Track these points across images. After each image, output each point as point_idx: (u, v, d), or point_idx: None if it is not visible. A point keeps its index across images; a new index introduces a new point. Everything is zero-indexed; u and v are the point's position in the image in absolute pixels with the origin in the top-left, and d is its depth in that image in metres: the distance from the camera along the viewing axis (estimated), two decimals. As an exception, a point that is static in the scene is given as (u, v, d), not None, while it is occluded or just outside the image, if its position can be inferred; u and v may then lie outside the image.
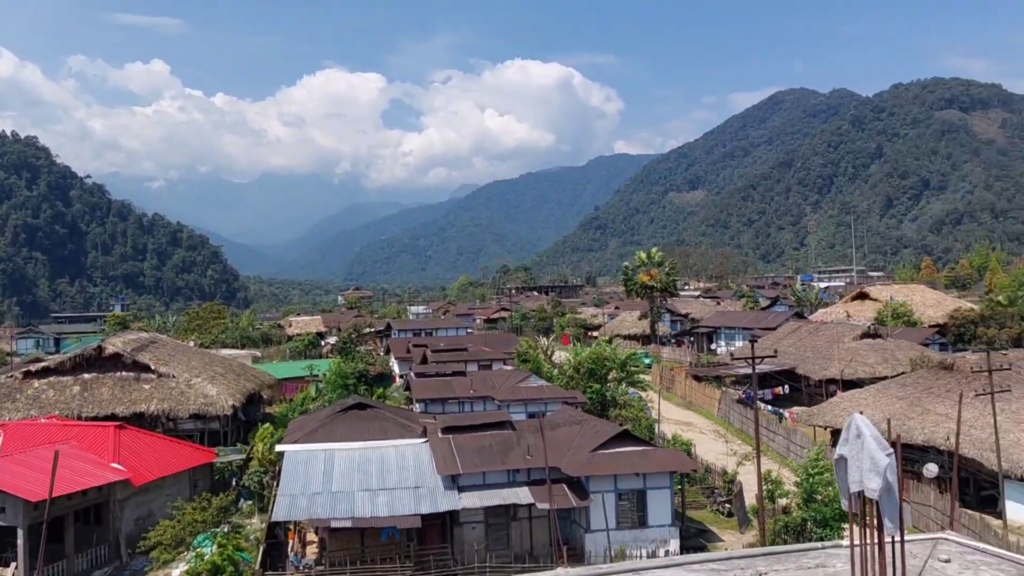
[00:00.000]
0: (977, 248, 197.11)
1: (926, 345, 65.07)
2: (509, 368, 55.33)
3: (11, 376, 47.01)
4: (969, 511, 32.34)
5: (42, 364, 49.26)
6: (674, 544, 29.49)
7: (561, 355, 64.21)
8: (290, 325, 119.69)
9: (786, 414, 53.70)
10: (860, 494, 10.67)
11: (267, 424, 42.09)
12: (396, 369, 71.08)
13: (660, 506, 29.82)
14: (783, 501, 31.99)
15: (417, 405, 44.99)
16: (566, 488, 28.90)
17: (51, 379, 45.98)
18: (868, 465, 10.16)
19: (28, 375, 46.27)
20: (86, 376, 46.09)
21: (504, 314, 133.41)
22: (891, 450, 10.07)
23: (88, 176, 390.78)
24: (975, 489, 35.36)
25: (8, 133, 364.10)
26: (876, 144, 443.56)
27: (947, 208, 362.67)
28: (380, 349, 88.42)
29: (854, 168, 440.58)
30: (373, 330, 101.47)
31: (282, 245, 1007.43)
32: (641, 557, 27.50)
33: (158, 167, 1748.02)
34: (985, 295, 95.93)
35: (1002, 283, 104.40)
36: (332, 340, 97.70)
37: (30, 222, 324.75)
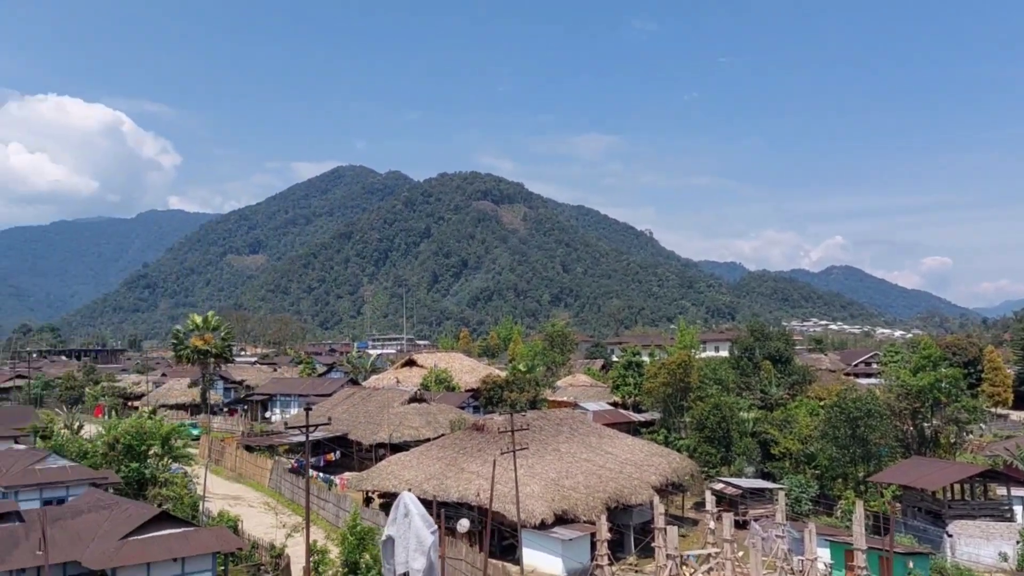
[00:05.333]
0: (503, 321, 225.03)
1: (463, 408, 71.85)
2: (22, 447, 46.87)
3: None
4: (493, 560, 35.80)
5: None
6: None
7: (92, 428, 56.55)
8: None
9: (337, 480, 54.20)
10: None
11: None
12: None
13: (201, 591, 27.43)
14: (329, 572, 31.71)
15: None
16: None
17: None
18: (414, 544, 10.51)
19: None
20: None
21: (20, 382, 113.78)
22: (436, 527, 10.56)
23: None
24: (499, 539, 39.48)
25: None
26: (426, 225, 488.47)
27: (481, 286, 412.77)
28: None
29: (407, 245, 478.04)
30: None
31: None
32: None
33: None
34: (509, 363, 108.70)
35: (521, 352, 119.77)
36: None
37: None
